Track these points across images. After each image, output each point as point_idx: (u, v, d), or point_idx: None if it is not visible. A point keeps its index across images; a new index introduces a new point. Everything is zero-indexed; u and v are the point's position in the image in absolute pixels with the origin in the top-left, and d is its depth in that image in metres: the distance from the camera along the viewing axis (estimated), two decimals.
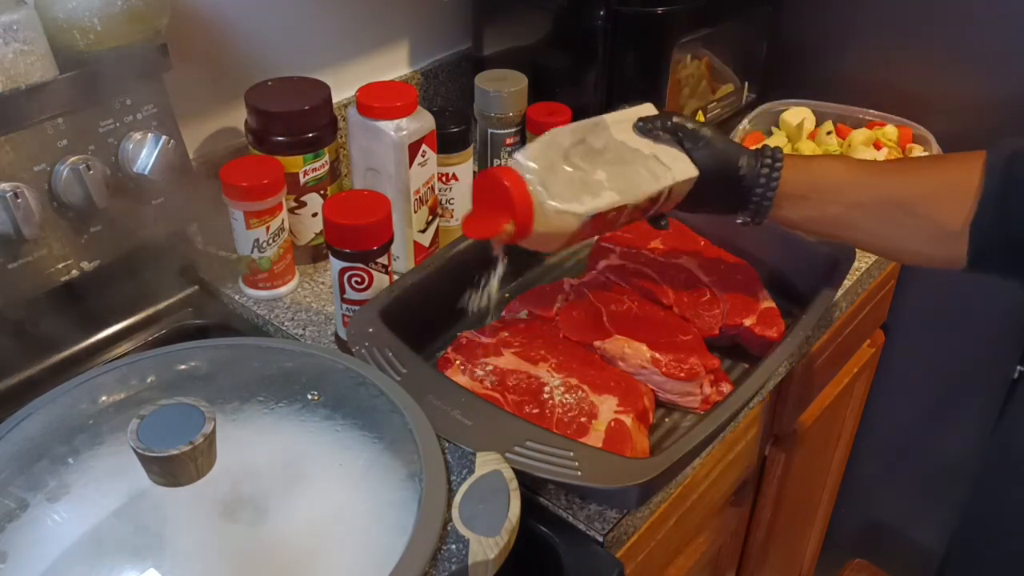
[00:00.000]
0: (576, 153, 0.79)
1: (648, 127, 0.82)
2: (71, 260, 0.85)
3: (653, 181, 0.79)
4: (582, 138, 0.80)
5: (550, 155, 0.77)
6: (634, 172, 0.79)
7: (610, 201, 0.77)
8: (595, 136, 0.80)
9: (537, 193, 0.75)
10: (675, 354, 0.87)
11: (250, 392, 0.70)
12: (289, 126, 0.95)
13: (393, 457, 0.65)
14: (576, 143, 0.79)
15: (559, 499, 0.76)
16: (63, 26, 0.79)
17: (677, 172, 0.80)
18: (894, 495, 1.60)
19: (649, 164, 0.80)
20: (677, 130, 0.81)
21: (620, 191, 0.78)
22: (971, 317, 1.35)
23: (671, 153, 0.81)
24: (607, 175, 0.78)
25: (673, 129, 0.81)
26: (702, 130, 0.81)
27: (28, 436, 0.64)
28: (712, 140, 0.81)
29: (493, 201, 0.76)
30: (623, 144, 0.81)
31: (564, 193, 0.76)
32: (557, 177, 0.76)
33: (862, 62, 1.28)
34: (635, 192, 0.79)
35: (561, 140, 0.79)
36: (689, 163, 0.81)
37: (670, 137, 0.82)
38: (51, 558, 0.58)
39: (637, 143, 0.81)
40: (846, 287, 1.04)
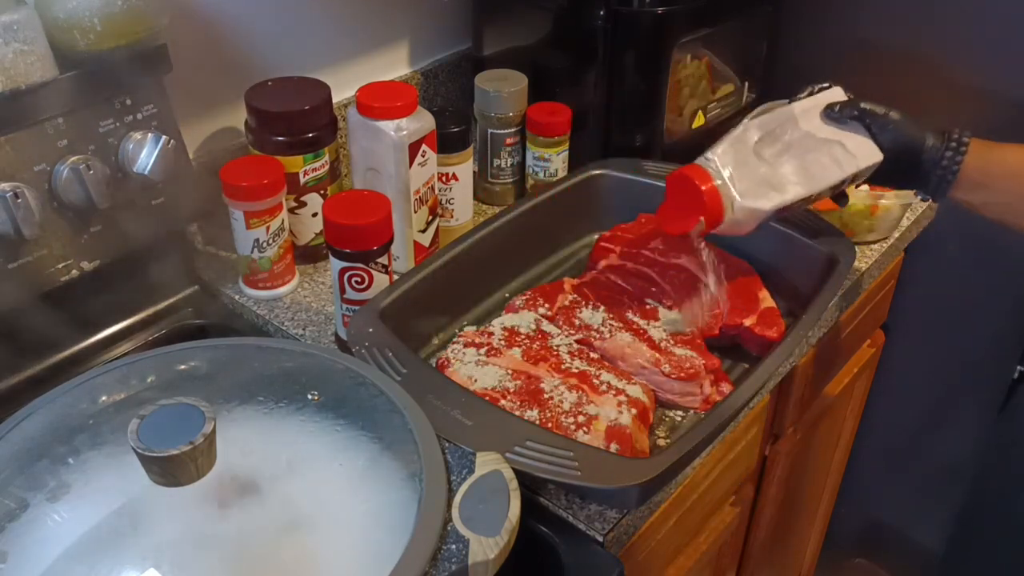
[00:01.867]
0: (763, 147, 0.83)
1: (836, 114, 0.85)
2: (71, 260, 0.85)
3: (837, 170, 0.84)
4: (771, 130, 0.84)
5: (738, 151, 0.83)
6: (818, 162, 0.84)
7: (795, 195, 0.83)
8: (782, 128, 0.84)
9: (726, 191, 0.81)
10: (675, 354, 0.87)
11: (250, 392, 0.69)
12: (289, 126, 0.95)
13: (393, 457, 0.65)
14: (764, 136, 0.83)
15: (559, 499, 0.76)
16: (63, 26, 0.79)
17: (861, 159, 0.85)
18: (894, 495, 1.60)
19: (834, 152, 0.84)
20: (865, 116, 0.85)
21: (805, 183, 0.84)
22: (971, 317, 1.35)
23: (856, 139, 0.85)
24: (793, 168, 0.83)
25: (861, 116, 0.85)
26: (890, 114, 0.84)
27: (28, 436, 0.64)
28: (899, 124, 0.84)
29: (685, 198, 0.83)
30: (809, 134, 0.85)
31: (751, 190, 0.82)
32: (745, 173, 0.82)
33: (862, 62, 1.28)
34: (819, 183, 0.84)
35: (749, 136, 0.84)
36: (874, 148, 0.85)
37: (857, 123, 0.85)
38: (51, 558, 0.58)
39: (823, 131, 0.85)
40: (846, 287, 1.04)
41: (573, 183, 1.06)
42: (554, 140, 1.10)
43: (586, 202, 1.08)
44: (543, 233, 1.05)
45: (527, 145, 1.12)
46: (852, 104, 0.85)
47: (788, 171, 0.83)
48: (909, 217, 1.16)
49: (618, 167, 1.08)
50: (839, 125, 0.85)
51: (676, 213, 0.85)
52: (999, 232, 1.25)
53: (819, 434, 1.33)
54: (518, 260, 1.03)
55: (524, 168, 1.15)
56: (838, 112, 0.85)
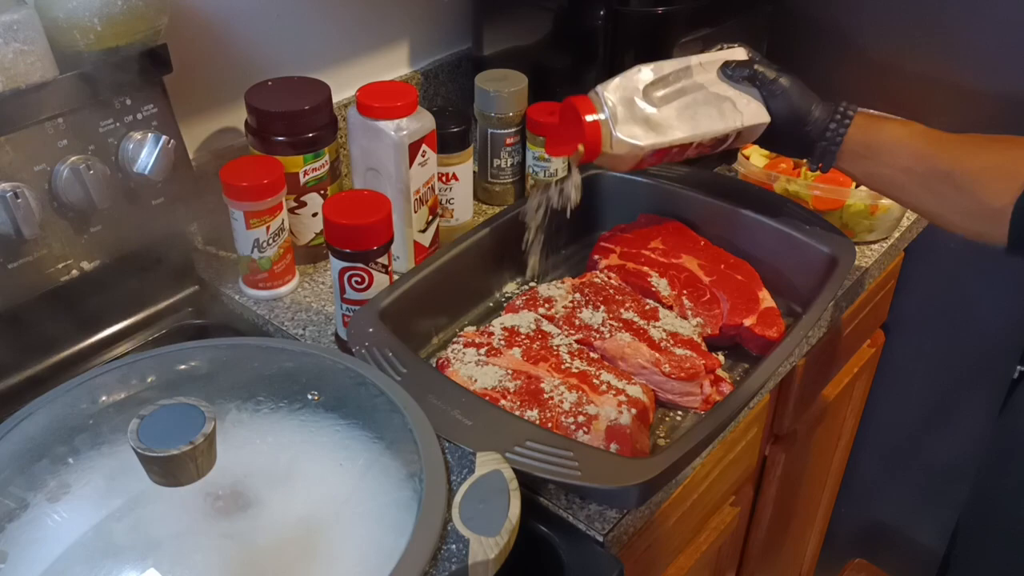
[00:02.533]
0: (653, 88, 0.86)
1: (731, 72, 0.87)
2: (71, 260, 0.85)
3: (720, 122, 0.87)
4: (665, 76, 0.86)
5: (627, 89, 0.85)
6: (705, 113, 0.86)
7: (673, 138, 0.86)
8: (677, 75, 0.87)
9: (606, 123, 0.84)
10: (675, 354, 0.87)
11: (250, 392, 0.69)
12: (289, 126, 0.95)
13: (393, 457, 0.65)
14: (657, 80, 0.86)
15: (559, 499, 0.76)
16: (63, 26, 0.79)
17: (747, 117, 0.87)
18: (894, 495, 1.60)
19: (723, 106, 0.87)
20: (756, 78, 0.87)
21: (686, 128, 0.86)
22: (971, 317, 1.35)
23: (746, 98, 0.87)
24: (677, 112, 0.86)
25: (753, 76, 0.87)
26: (780, 80, 0.87)
27: (28, 436, 0.64)
28: (788, 90, 0.87)
29: (571, 125, 0.86)
30: (702, 85, 0.87)
31: (631, 127, 0.85)
32: (630, 110, 0.85)
33: (862, 62, 1.28)
34: (700, 130, 0.86)
35: (642, 76, 0.86)
36: (762, 110, 0.87)
37: (749, 84, 0.87)
38: (51, 558, 0.58)
39: (717, 86, 0.88)
40: (846, 287, 1.04)
41: None
42: None
43: (586, 202, 1.08)
44: (543, 233, 1.04)
45: (527, 145, 1.12)
46: (746, 64, 0.88)
47: (671, 115, 0.86)
48: (909, 217, 1.16)
49: None
50: (733, 83, 0.88)
51: (561, 137, 0.89)
52: None
53: (819, 434, 1.33)
54: (518, 260, 1.03)
55: (524, 168, 1.15)
56: (732, 71, 0.88)
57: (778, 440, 1.19)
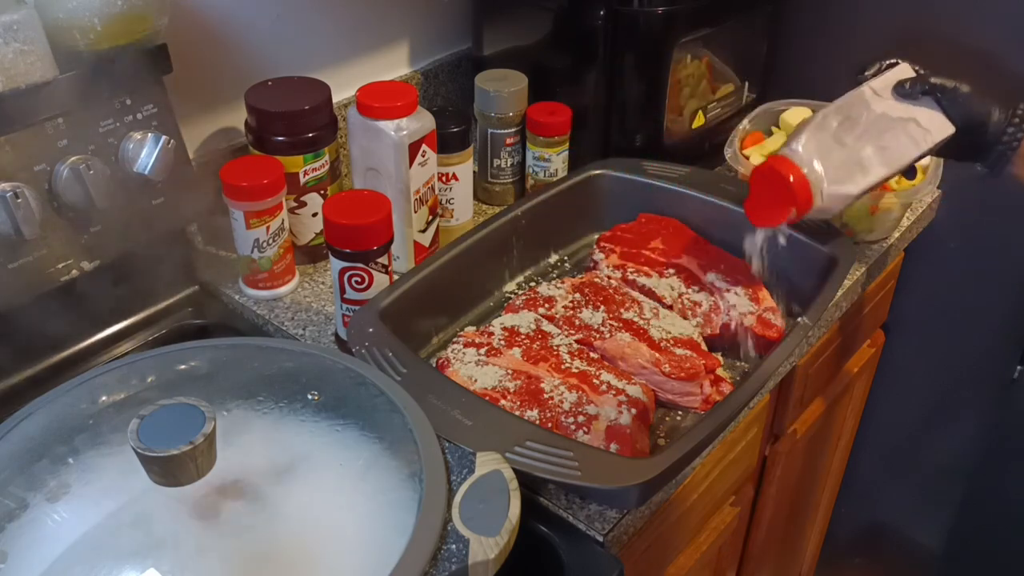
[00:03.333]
0: (843, 132, 0.86)
1: (908, 91, 0.87)
2: (71, 260, 0.85)
3: (914, 147, 0.86)
4: (847, 115, 0.86)
5: (821, 139, 0.85)
6: (896, 140, 0.86)
7: (878, 176, 0.86)
8: (857, 111, 0.86)
9: (814, 179, 0.84)
10: (675, 354, 0.87)
11: (250, 392, 0.69)
12: (289, 126, 0.95)
13: (393, 457, 0.65)
14: (843, 121, 0.86)
15: (559, 499, 0.76)
16: (63, 26, 0.79)
17: (936, 133, 0.87)
18: (894, 495, 1.60)
19: (909, 129, 0.86)
20: (935, 91, 0.86)
21: (887, 164, 0.86)
22: (971, 317, 1.35)
23: (928, 113, 0.87)
24: (874, 149, 0.86)
25: (931, 90, 0.86)
26: (960, 87, 0.86)
27: (28, 436, 0.64)
28: (969, 97, 0.86)
29: (773, 190, 0.85)
30: (884, 114, 0.87)
31: (838, 175, 0.85)
32: (830, 159, 0.85)
33: (861, 62, 1.28)
34: (900, 162, 0.87)
35: (829, 122, 0.86)
36: (945, 121, 0.87)
37: (928, 97, 0.87)
38: (51, 558, 0.58)
39: (897, 109, 0.87)
40: (846, 287, 1.04)
41: (573, 183, 1.06)
42: (554, 140, 1.10)
43: (586, 202, 1.08)
44: (543, 233, 1.05)
45: (527, 145, 1.12)
46: (922, 80, 0.87)
47: (869, 153, 0.86)
48: (909, 217, 1.16)
49: (618, 167, 1.08)
50: (911, 101, 0.87)
51: (764, 206, 0.87)
52: (999, 232, 1.26)
53: (819, 434, 1.33)
54: (518, 260, 1.03)
55: (524, 168, 1.15)
56: (909, 89, 0.87)
57: (778, 440, 1.19)
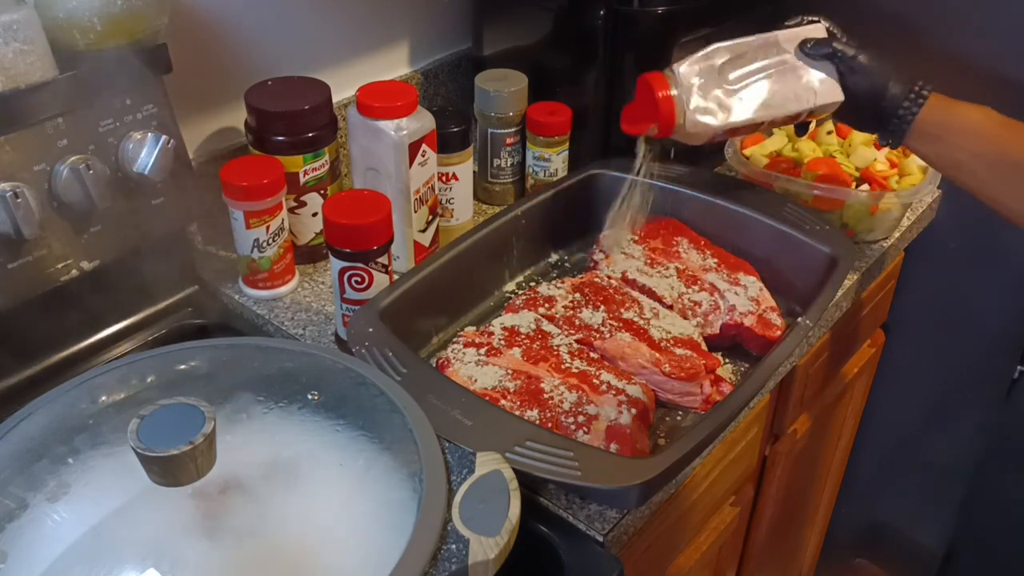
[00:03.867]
0: (728, 68, 0.87)
1: (810, 50, 0.88)
2: (71, 260, 0.85)
3: (794, 102, 0.88)
4: (741, 53, 0.87)
5: (703, 68, 0.87)
6: (779, 92, 0.88)
7: (745, 118, 0.87)
8: (754, 53, 0.88)
9: (680, 103, 0.86)
10: (675, 354, 0.87)
11: (250, 392, 0.69)
12: (289, 126, 0.95)
13: (393, 457, 0.65)
14: (735, 58, 0.87)
15: (559, 499, 0.76)
16: (63, 26, 0.79)
17: (821, 96, 0.88)
18: (894, 495, 1.60)
19: (798, 85, 0.88)
20: (836, 55, 0.87)
21: (759, 110, 0.87)
22: (971, 317, 1.35)
23: (822, 77, 0.88)
24: (751, 93, 0.87)
25: (832, 54, 0.87)
26: (859, 57, 0.87)
27: (28, 436, 0.64)
28: (868, 67, 0.87)
29: (646, 103, 0.88)
30: (777, 64, 0.88)
31: (705, 106, 0.86)
32: (704, 89, 0.86)
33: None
34: (773, 111, 0.88)
35: (718, 55, 0.87)
36: (836, 88, 0.88)
37: (827, 62, 0.88)
38: (51, 558, 0.58)
39: (793, 62, 0.89)
40: (846, 287, 1.04)
41: (573, 183, 1.06)
42: (554, 140, 1.10)
43: (586, 202, 1.08)
44: (543, 233, 1.05)
45: (527, 145, 1.12)
46: (825, 43, 0.88)
47: (746, 95, 0.87)
48: (909, 217, 1.16)
49: (618, 167, 1.08)
50: (811, 60, 0.88)
51: (636, 115, 0.90)
52: (999, 232, 1.25)
53: (819, 434, 1.33)
54: (518, 260, 1.03)
55: (524, 168, 1.15)
56: (811, 48, 0.88)
57: (778, 440, 1.19)
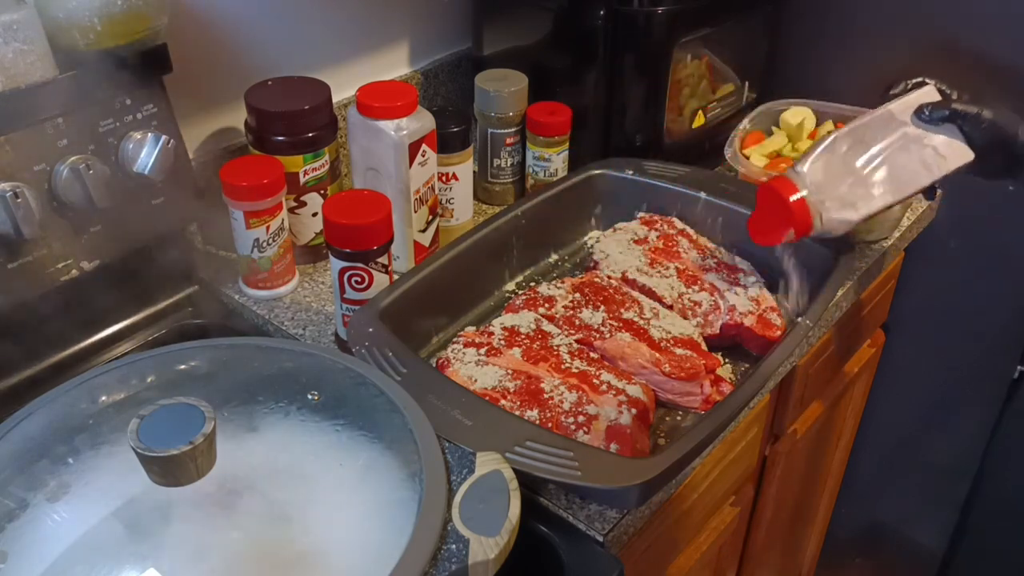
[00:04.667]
0: (853, 156, 0.84)
1: (928, 116, 0.84)
2: (71, 260, 0.85)
3: (926, 174, 0.84)
4: (860, 138, 0.84)
5: (828, 162, 0.83)
6: (908, 167, 0.84)
7: (883, 203, 0.83)
8: (873, 135, 0.84)
9: (814, 202, 0.82)
10: (675, 354, 0.87)
11: (250, 392, 0.69)
12: (289, 126, 0.95)
13: (393, 457, 0.65)
14: (854, 144, 0.83)
15: (559, 499, 0.76)
16: (63, 26, 0.79)
17: (952, 161, 0.84)
18: (894, 495, 1.60)
19: (924, 155, 0.84)
20: (958, 117, 0.83)
21: (895, 190, 0.83)
22: (971, 317, 1.35)
23: (947, 141, 0.84)
24: (882, 175, 0.83)
25: (953, 116, 0.83)
26: (983, 113, 0.83)
27: (28, 436, 0.64)
28: (994, 122, 0.83)
29: (774, 210, 0.84)
30: (899, 139, 0.84)
31: (839, 200, 0.82)
32: (834, 184, 0.82)
33: (862, 62, 1.28)
34: (908, 188, 0.84)
35: (840, 145, 0.84)
36: (965, 148, 0.84)
37: (950, 123, 0.84)
38: (51, 558, 0.58)
39: (914, 134, 0.85)
40: (846, 287, 1.04)
41: (573, 183, 1.06)
42: (554, 140, 1.10)
43: (586, 202, 1.08)
44: (543, 233, 1.05)
45: (527, 145, 1.12)
46: (943, 105, 0.84)
47: (878, 178, 0.83)
48: (909, 217, 1.16)
49: (618, 167, 1.08)
50: (931, 127, 0.85)
51: (766, 224, 0.86)
52: (999, 232, 1.25)
53: (819, 434, 1.33)
54: (518, 260, 1.03)
55: (524, 168, 1.15)
56: (930, 115, 0.84)
57: (778, 440, 1.19)
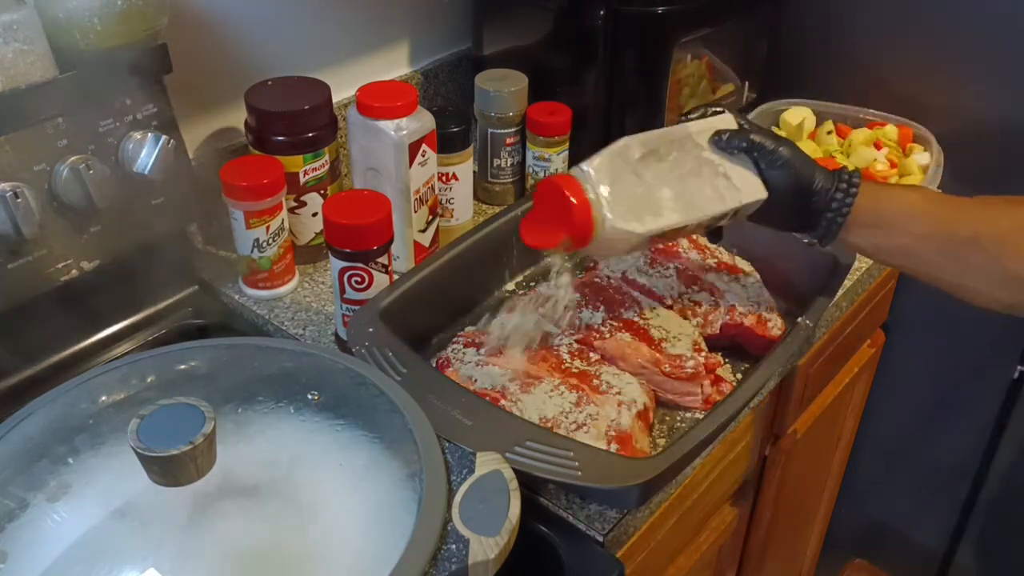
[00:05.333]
0: (644, 165, 0.76)
1: (724, 143, 0.79)
2: (71, 260, 0.85)
3: (719, 203, 0.78)
4: (655, 148, 0.77)
5: (616, 166, 0.75)
6: (700, 191, 0.78)
7: (671, 222, 0.76)
8: (668, 148, 0.78)
9: (597, 208, 0.73)
10: (675, 354, 0.87)
11: (250, 392, 0.69)
12: (289, 126, 0.95)
13: (393, 457, 0.65)
14: (647, 154, 0.77)
15: (559, 499, 0.76)
16: (63, 26, 0.79)
17: (745, 194, 0.79)
18: (894, 495, 1.60)
19: (718, 183, 0.78)
20: (753, 149, 0.79)
21: (683, 211, 0.77)
22: (971, 317, 1.34)
23: (742, 173, 0.79)
24: (673, 192, 0.77)
25: (749, 148, 0.79)
26: (780, 149, 0.79)
27: (28, 436, 0.64)
28: (790, 161, 0.79)
29: (553, 210, 0.74)
30: (694, 159, 0.79)
31: (625, 211, 0.74)
32: (620, 191, 0.74)
33: (862, 61, 1.28)
34: (698, 213, 0.77)
35: (631, 152, 0.76)
36: (759, 185, 0.79)
37: (745, 155, 0.80)
38: (51, 558, 0.58)
39: (711, 156, 0.79)
40: (846, 287, 1.04)
41: None
42: (554, 140, 1.10)
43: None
44: None
45: (527, 145, 1.12)
46: (741, 135, 0.79)
47: (667, 195, 0.76)
48: None
49: None
50: (727, 155, 0.79)
51: (542, 224, 0.76)
52: None
53: (819, 434, 1.33)
54: (518, 260, 1.03)
55: (524, 168, 1.15)
56: (726, 142, 0.79)
57: (778, 440, 1.19)
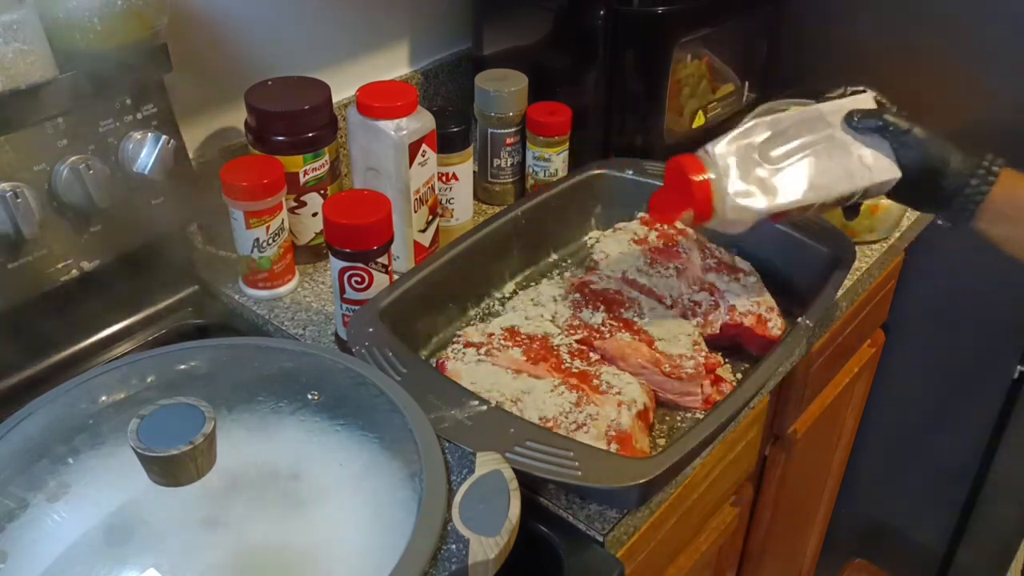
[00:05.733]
0: (770, 146, 0.78)
1: (857, 123, 0.80)
2: (71, 260, 0.85)
3: (846, 181, 0.79)
4: (783, 129, 0.79)
5: (741, 148, 0.78)
6: (827, 170, 0.79)
7: (792, 201, 0.78)
8: (797, 129, 0.80)
9: (719, 187, 0.77)
10: (675, 354, 0.87)
11: (250, 392, 0.69)
12: (289, 126, 0.95)
13: (393, 457, 0.65)
14: (773, 135, 0.79)
15: (559, 499, 0.76)
16: (63, 26, 0.79)
17: (876, 174, 0.80)
18: (894, 495, 1.60)
19: (849, 162, 0.79)
20: (888, 128, 0.80)
21: (807, 191, 0.79)
22: (971, 317, 1.35)
23: (875, 153, 0.80)
24: (798, 173, 0.78)
25: (884, 127, 0.80)
26: (914, 131, 0.79)
27: (28, 436, 0.64)
28: (923, 142, 0.79)
29: (677, 187, 0.79)
30: (827, 137, 0.80)
31: (746, 189, 0.77)
32: (745, 170, 0.77)
33: (863, 62, 1.28)
34: (823, 193, 0.79)
35: (757, 133, 0.79)
36: (892, 165, 0.80)
37: (878, 135, 0.80)
38: (51, 558, 0.58)
39: (843, 139, 0.80)
40: (846, 287, 1.04)
41: (573, 183, 1.06)
42: (554, 140, 1.10)
43: (586, 202, 1.08)
44: (543, 233, 1.05)
45: (527, 145, 1.12)
46: (875, 115, 0.80)
47: (791, 176, 0.78)
48: (909, 217, 1.16)
49: (618, 167, 1.08)
50: (859, 135, 0.80)
51: (668, 201, 0.81)
52: None
53: (819, 434, 1.33)
54: (518, 260, 1.03)
55: (524, 168, 1.15)
56: (858, 122, 0.80)
57: (778, 440, 1.19)
